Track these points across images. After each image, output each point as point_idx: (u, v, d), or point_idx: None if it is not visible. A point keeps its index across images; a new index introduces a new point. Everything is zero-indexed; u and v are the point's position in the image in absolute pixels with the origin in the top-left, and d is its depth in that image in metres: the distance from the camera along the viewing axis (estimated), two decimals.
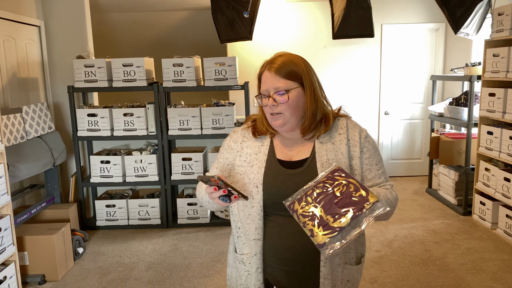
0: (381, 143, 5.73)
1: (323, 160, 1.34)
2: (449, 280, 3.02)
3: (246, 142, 1.45)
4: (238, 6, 3.90)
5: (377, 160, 1.39)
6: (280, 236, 1.35)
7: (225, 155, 1.48)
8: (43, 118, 3.70)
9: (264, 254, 1.38)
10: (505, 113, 3.68)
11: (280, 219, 1.35)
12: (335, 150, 1.36)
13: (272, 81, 1.32)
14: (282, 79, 1.32)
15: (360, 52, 5.51)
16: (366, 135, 1.40)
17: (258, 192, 1.35)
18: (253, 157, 1.40)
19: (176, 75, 3.94)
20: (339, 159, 1.34)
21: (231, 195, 1.24)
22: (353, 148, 1.37)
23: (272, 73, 1.32)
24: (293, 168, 1.36)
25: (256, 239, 1.38)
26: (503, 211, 3.70)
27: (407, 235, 3.82)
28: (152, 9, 5.95)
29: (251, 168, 1.38)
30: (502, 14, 3.68)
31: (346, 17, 3.87)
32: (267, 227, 1.37)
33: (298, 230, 1.32)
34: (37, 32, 4.13)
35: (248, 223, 1.39)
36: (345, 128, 1.39)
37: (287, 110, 1.32)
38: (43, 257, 3.11)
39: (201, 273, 3.23)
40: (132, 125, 4.00)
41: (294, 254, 1.34)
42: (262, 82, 1.36)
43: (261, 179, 1.35)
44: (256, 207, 1.35)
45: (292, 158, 1.38)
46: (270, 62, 1.35)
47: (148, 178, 4.07)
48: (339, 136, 1.38)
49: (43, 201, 3.66)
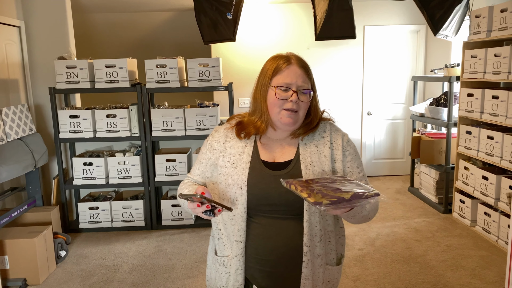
0: (364, 143, 5.80)
1: (307, 162, 1.35)
2: (429, 277, 3.08)
3: (229, 142, 1.43)
4: (221, 7, 3.91)
5: (358, 163, 1.42)
6: (263, 238, 1.35)
7: (207, 155, 1.46)
8: (24, 120, 3.65)
9: (246, 255, 1.38)
10: (482, 113, 3.77)
11: (263, 220, 1.35)
12: (318, 153, 1.38)
13: (301, 78, 1.34)
14: (307, 79, 1.36)
15: (343, 53, 5.57)
16: (348, 139, 1.43)
17: (242, 194, 1.34)
18: (237, 158, 1.39)
19: (160, 76, 3.92)
20: (322, 162, 1.36)
21: (215, 209, 1.24)
22: (336, 151, 1.39)
23: (302, 70, 1.35)
24: (277, 169, 1.36)
25: (238, 241, 1.37)
26: (482, 209, 3.79)
27: (389, 234, 3.88)
28: (135, 10, 5.91)
29: (235, 169, 1.37)
30: (479, 17, 3.77)
31: (328, 19, 3.91)
32: (250, 228, 1.37)
33: (281, 232, 1.33)
34: (17, 32, 4.07)
35: (232, 224, 1.38)
36: (329, 131, 1.42)
37: (303, 110, 1.35)
38: (24, 260, 3.07)
39: (185, 274, 3.22)
40: (115, 127, 3.97)
41: (276, 255, 1.34)
42: (284, 76, 1.33)
43: (245, 181, 1.34)
44: (240, 209, 1.35)
45: (275, 159, 1.39)
46: (297, 58, 1.37)
47: (132, 179, 4.04)
48: (322, 139, 1.40)
49: (24, 204, 3.60)
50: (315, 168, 1.35)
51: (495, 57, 3.57)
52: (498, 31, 3.55)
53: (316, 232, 1.34)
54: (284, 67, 1.34)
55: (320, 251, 1.35)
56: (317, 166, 1.36)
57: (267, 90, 1.35)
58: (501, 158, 3.53)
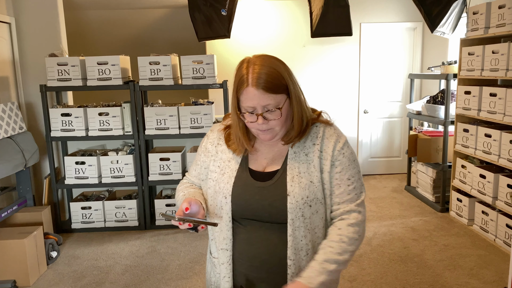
0: (361, 142, 5.76)
1: (294, 173, 1.26)
2: (427, 277, 3.04)
3: (221, 145, 1.36)
4: (215, 4, 3.85)
5: (350, 174, 1.28)
6: (247, 243, 1.30)
7: (202, 158, 1.41)
8: (14, 118, 3.57)
9: (234, 260, 1.33)
10: (480, 110, 3.73)
11: (248, 226, 1.30)
12: (307, 162, 1.27)
13: (260, 99, 1.18)
14: (272, 95, 1.18)
15: (339, 51, 5.52)
16: (342, 146, 1.28)
17: (227, 203, 1.29)
18: (226, 164, 1.33)
19: (153, 73, 3.86)
20: (311, 173, 1.27)
21: (198, 226, 1.21)
22: (324, 161, 1.27)
23: (259, 90, 1.17)
24: (263, 180, 1.29)
25: (224, 249, 1.32)
26: (479, 208, 3.75)
27: (386, 233, 3.84)
28: (129, 7, 5.84)
29: (223, 176, 1.32)
30: (477, 13, 3.73)
31: (324, 16, 3.86)
32: (236, 233, 1.32)
33: (265, 239, 1.28)
34: (7, 29, 3.99)
35: (216, 231, 1.34)
36: (321, 138, 1.29)
37: (278, 125, 1.23)
38: (14, 262, 3.00)
39: (179, 275, 3.16)
40: (107, 125, 3.90)
41: (259, 261, 1.29)
42: (244, 99, 1.20)
43: (230, 190, 1.29)
44: (225, 218, 1.30)
45: (265, 168, 1.31)
46: (253, 76, 1.18)
47: (125, 179, 3.97)
48: (313, 146, 1.28)
49: (15, 204, 3.53)
50: (302, 180, 1.25)
51: (492, 54, 3.53)
52: (496, 27, 3.51)
53: (302, 246, 1.26)
54: (242, 89, 1.20)
55: (307, 265, 1.27)
56: (305, 177, 1.26)
57: (237, 113, 1.25)
58: (499, 156, 3.49)
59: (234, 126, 1.30)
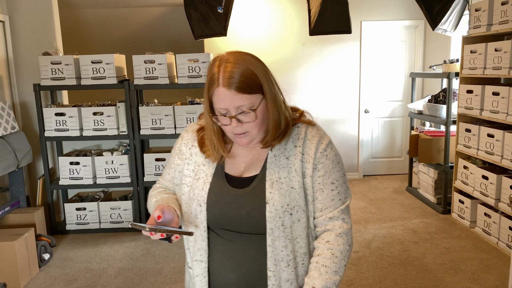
0: (361, 141, 5.67)
1: (273, 178, 1.17)
2: (427, 281, 2.96)
3: (195, 147, 1.26)
4: (212, 1, 3.77)
5: (334, 178, 1.19)
6: (223, 255, 1.21)
7: (176, 161, 1.30)
8: (5, 118, 3.51)
9: (210, 273, 1.24)
10: (482, 110, 3.64)
11: (226, 236, 1.21)
12: (288, 167, 1.18)
13: (233, 100, 1.09)
14: (245, 96, 1.09)
15: (340, 50, 5.44)
16: (324, 148, 1.19)
17: (201, 212, 1.19)
18: (201, 168, 1.23)
19: (148, 72, 3.79)
20: (292, 178, 1.17)
21: (172, 235, 1.11)
22: (306, 164, 1.18)
23: (231, 90, 1.08)
24: (240, 186, 1.19)
25: (198, 261, 1.23)
26: (482, 210, 3.66)
27: (386, 235, 3.75)
28: (126, 5, 5.78)
29: (197, 182, 1.22)
30: (479, 10, 3.64)
31: (323, 13, 3.78)
32: (212, 243, 1.23)
33: (243, 251, 1.19)
34: (1, 27, 3.93)
35: (191, 240, 1.25)
36: (303, 139, 1.19)
37: (255, 127, 1.14)
38: (4, 264, 2.94)
39: (173, 278, 3.09)
40: (102, 125, 3.83)
41: (237, 274, 1.20)
42: (216, 100, 1.11)
43: (205, 197, 1.19)
44: (200, 227, 1.21)
45: (242, 173, 1.22)
46: (225, 75, 1.09)
47: (120, 179, 3.91)
48: (294, 149, 1.19)
49: (7, 205, 3.47)
50: (283, 186, 1.16)
51: (495, 52, 3.44)
52: (498, 24, 3.41)
53: (283, 257, 1.17)
54: (213, 89, 1.11)
55: (289, 276, 1.19)
56: (285, 183, 1.16)
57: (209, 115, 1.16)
58: (502, 157, 3.39)
59: (208, 130, 1.21)
